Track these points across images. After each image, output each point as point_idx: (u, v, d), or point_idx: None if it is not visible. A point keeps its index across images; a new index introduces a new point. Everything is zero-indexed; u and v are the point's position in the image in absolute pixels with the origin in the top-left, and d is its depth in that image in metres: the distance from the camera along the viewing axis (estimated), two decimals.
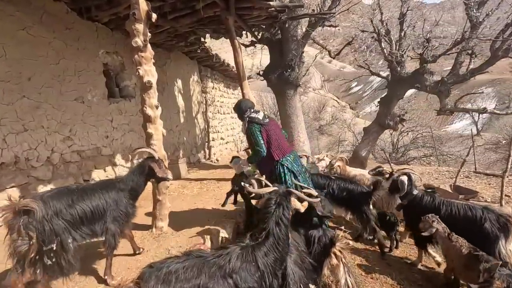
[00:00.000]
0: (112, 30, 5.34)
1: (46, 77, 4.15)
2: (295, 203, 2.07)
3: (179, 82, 7.63)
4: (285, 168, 2.84)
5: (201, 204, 4.33)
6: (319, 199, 2.32)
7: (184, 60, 7.92)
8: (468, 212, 2.74)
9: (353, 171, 5.01)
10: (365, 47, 10.74)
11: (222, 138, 10.36)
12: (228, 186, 4.63)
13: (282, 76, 6.32)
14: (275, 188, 2.11)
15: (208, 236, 2.85)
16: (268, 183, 2.46)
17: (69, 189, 2.26)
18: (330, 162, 4.85)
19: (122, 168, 5.45)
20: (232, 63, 10.30)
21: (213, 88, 9.85)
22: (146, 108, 2.87)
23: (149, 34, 2.84)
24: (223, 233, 3.03)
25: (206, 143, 9.14)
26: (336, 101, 45.12)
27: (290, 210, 2.02)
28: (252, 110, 3.01)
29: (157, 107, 2.94)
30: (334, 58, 8.40)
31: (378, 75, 10.77)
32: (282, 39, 6.36)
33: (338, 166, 4.81)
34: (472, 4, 6.61)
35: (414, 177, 3.24)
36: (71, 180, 4.47)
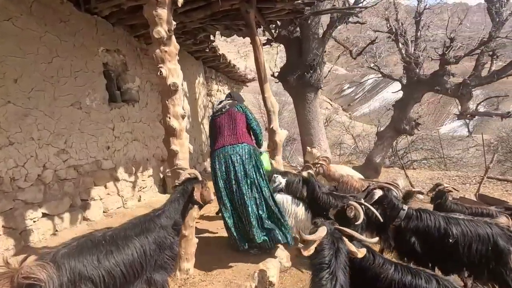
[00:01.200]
0: (114, 25, 4.65)
1: (36, 79, 3.44)
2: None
3: (185, 85, 6.95)
4: (212, 162, 2.88)
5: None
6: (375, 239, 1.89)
7: (190, 60, 7.25)
8: (478, 229, 2.37)
9: (339, 170, 4.55)
10: (374, 48, 10.28)
11: None
12: None
13: (302, 77, 5.71)
14: (325, 228, 1.67)
15: (253, 284, 2.20)
16: (372, 208, 2.05)
17: (93, 241, 1.58)
18: (312, 163, 4.43)
19: (125, 183, 4.74)
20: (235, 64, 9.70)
21: (217, 91, 9.20)
22: (169, 118, 2.21)
23: (173, 23, 2.19)
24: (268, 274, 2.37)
25: None
26: (329, 103, 45.11)
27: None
28: (219, 101, 3.22)
29: (183, 117, 2.28)
30: (355, 58, 7.86)
31: (390, 77, 10.28)
32: (302, 37, 5.76)
33: (321, 167, 4.39)
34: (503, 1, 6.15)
35: (396, 193, 2.65)
36: (67, 201, 3.75)
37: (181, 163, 2.28)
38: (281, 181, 3.33)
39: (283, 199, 3.14)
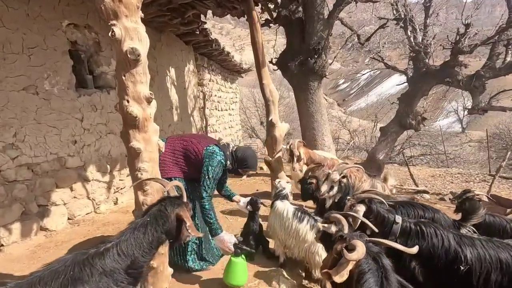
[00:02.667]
0: None
1: None
2: None
3: (172, 72, 6.21)
4: None
5: None
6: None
7: (178, 44, 6.49)
8: (499, 252, 1.74)
9: (320, 154, 3.85)
10: (378, 38, 9.63)
11: (220, 139, 8.99)
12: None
13: (305, 64, 5.01)
14: (361, 244, 1.24)
15: None
16: (364, 220, 1.63)
17: None
18: (291, 151, 3.62)
19: (97, 183, 4.02)
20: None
21: (210, 81, 8.45)
22: (128, 102, 1.51)
23: None
24: None
25: None
26: (324, 98, 44.73)
27: None
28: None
29: (149, 101, 1.58)
30: (363, 44, 7.17)
31: (395, 69, 9.64)
32: (305, 17, 5.05)
33: (303, 153, 3.60)
34: None
35: (383, 201, 1.98)
36: (17, 208, 3.03)
37: (145, 167, 1.59)
38: (284, 186, 2.65)
39: (284, 209, 2.46)
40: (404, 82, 9.25)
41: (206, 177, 2.23)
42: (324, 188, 2.46)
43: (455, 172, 10.91)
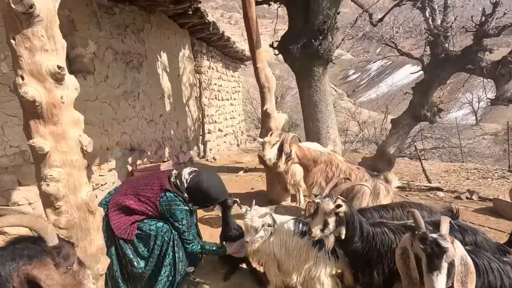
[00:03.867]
0: None
1: None
2: None
3: (164, 57, 5.70)
4: None
5: None
6: None
7: (171, 27, 5.96)
8: None
9: (314, 149, 3.19)
10: (391, 23, 8.87)
11: (220, 130, 8.51)
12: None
13: (309, 46, 4.42)
14: None
15: None
16: None
17: None
18: (281, 146, 2.88)
19: None
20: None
21: (209, 68, 7.92)
22: (22, 77, 1.01)
23: None
24: None
25: (201, 137, 7.28)
26: (334, 89, 43.88)
27: None
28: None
29: (57, 78, 1.08)
30: (375, 25, 6.49)
31: (410, 56, 8.89)
32: None
33: (295, 152, 2.90)
34: None
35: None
36: None
37: (55, 175, 1.11)
38: (265, 212, 1.91)
39: (284, 223, 1.93)
40: (419, 71, 8.54)
41: (181, 231, 1.90)
42: (314, 227, 1.58)
43: (471, 167, 10.22)
